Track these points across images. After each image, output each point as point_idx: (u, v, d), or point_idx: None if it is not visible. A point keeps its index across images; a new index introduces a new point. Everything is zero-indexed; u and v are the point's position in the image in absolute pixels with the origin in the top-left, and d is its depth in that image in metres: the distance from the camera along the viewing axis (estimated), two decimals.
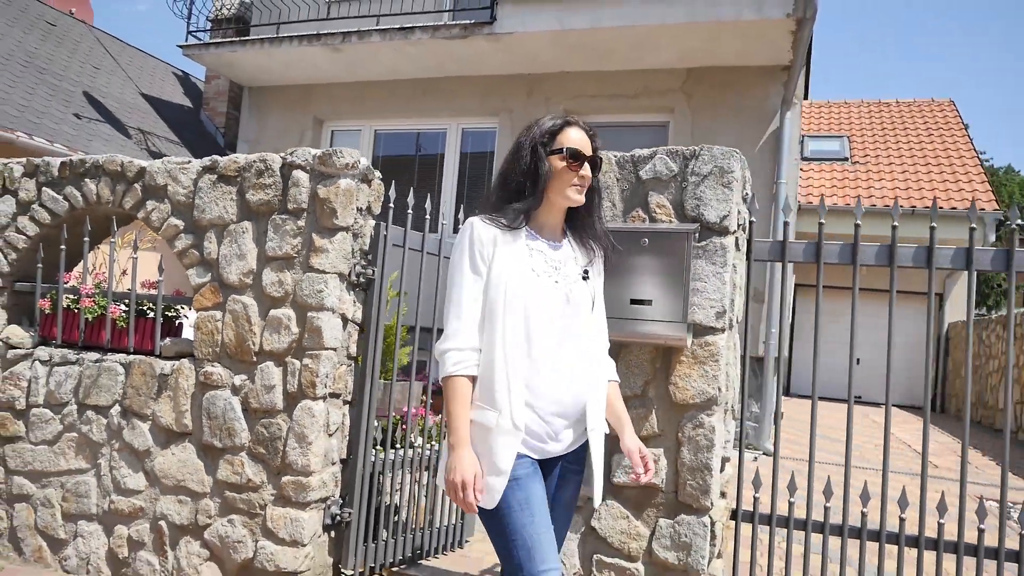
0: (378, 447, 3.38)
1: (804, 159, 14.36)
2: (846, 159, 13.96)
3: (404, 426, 3.68)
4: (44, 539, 3.46)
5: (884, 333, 12.54)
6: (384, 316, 3.28)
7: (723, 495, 2.76)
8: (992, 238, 11.87)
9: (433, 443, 3.71)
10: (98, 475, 3.38)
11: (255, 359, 3.13)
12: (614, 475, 2.54)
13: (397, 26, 7.57)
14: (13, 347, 3.63)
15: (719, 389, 2.48)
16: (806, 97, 17.07)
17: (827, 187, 13.11)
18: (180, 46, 8.59)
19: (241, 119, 9.53)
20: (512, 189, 1.93)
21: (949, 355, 12.98)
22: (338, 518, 3.14)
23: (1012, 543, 2.58)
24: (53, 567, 3.43)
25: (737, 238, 2.62)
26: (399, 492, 3.65)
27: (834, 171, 13.64)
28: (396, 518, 3.58)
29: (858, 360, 13.56)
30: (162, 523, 3.22)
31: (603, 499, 2.07)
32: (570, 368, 1.90)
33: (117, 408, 3.37)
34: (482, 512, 1.85)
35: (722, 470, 2.21)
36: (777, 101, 7.15)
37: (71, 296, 3.61)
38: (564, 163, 1.90)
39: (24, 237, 3.68)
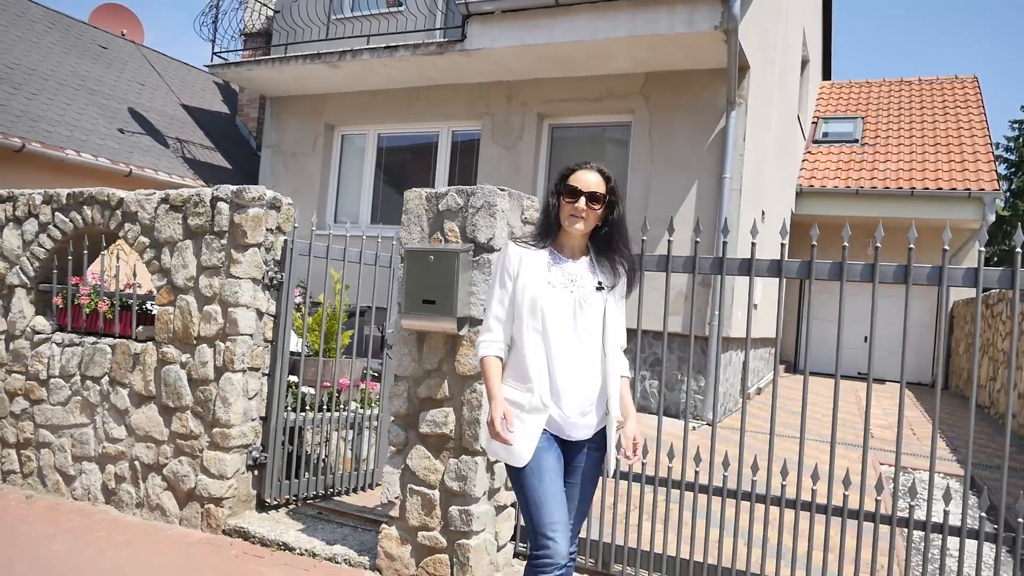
0: (306, 409, 4.41)
1: (815, 141, 14.65)
2: (856, 140, 14.19)
3: (337, 393, 4.71)
4: (60, 475, 4.67)
5: (890, 311, 12.88)
6: (292, 311, 4.30)
7: None
8: (992, 217, 12.07)
9: (370, 408, 4.79)
10: (95, 428, 4.55)
11: (195, 342, 4.21)
12: (420, 426, 3.49)
13: (383, 45, 8.57)
14: (38, 332, 4.84)
15: None
16: (828, 78, 17.30)
17: (832, 169, 13.43)
18: (207, 66, 9.81)
19: (264, 126, 10.74)
20: (542, 221, 2.48)
21: (952, 333, 13.21)
22: (258, 460, 4.21)
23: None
24: (66, 496, 4.64)
25: None
26: (324, 444, 4.70)
27: (842, 153, 13.91)
28: (320, 464, 4.63)
29: (865, 338, 13.97)
30: (136, 463, 4.37)
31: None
32: (585, 362, 2.35)
33: (106, 378, 4.52)
34: (510, 476, 2.36)
35: None
36: (724, 102, 7.81)
37: (77, 294, 4.78)
38: (564, 198, 2.40)
39: (44, 250, 4.87)
